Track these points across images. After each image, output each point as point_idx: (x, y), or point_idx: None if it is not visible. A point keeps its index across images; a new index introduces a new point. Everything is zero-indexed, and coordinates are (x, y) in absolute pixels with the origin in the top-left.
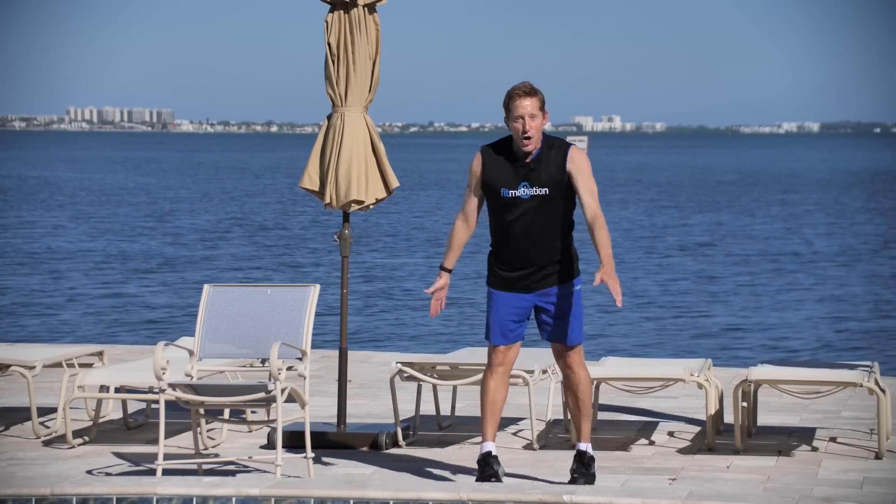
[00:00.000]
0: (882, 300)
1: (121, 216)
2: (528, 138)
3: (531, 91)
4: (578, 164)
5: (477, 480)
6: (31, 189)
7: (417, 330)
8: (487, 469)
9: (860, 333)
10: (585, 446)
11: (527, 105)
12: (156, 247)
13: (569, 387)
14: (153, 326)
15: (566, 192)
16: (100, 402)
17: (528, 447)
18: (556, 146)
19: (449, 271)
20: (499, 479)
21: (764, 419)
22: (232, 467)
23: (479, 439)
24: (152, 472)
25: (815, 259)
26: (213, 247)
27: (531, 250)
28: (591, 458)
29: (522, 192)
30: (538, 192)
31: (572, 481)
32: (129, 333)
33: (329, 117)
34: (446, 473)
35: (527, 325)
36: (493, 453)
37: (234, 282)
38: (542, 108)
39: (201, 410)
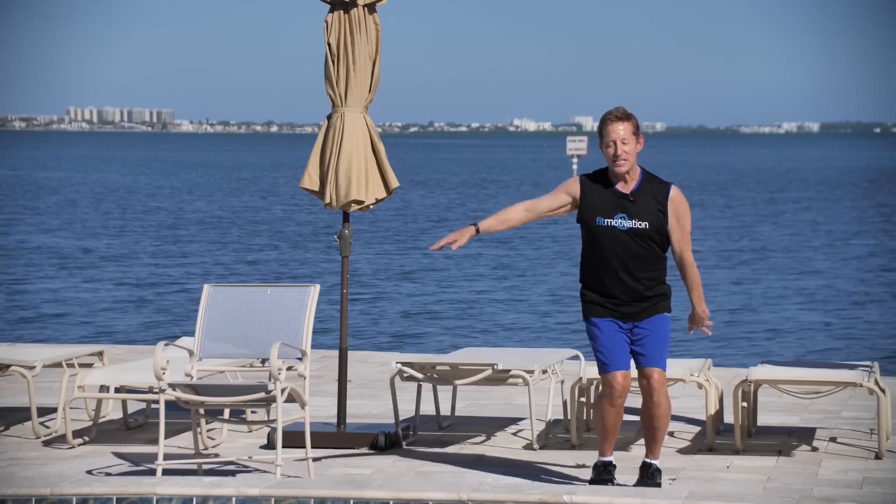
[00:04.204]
0: (883, 299)
1: (123, 215)
2: (621, 161)
3: (624, 116)
4: (677, 205)
5: (590, 483)
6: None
7: (417, 330)
8: (605, 474)
9: (860, 333)
10: (653, 461)
11: (619, 130)
12: (148, 246)
13: (647, 410)
14: (153, 327)
15: (664, 230)
16: (100, 402)
17: (528, 447)
18: (656, 182)
19: (478, 231)
20: (613, 484)
21: (764, 419)
22: (232, 467)
23: (478, 439)
24: (152, 472)
25: (813, 257)
26: (210, 245)
27: (627, 282)
28: (658, 471)
29: (619, 223)
30: (638, 225)
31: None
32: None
33: (329, 117)
34: (446, 473)
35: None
36: (613, 463)
37: (235, 281)
38: (635, 133)
39: (201, 410)
